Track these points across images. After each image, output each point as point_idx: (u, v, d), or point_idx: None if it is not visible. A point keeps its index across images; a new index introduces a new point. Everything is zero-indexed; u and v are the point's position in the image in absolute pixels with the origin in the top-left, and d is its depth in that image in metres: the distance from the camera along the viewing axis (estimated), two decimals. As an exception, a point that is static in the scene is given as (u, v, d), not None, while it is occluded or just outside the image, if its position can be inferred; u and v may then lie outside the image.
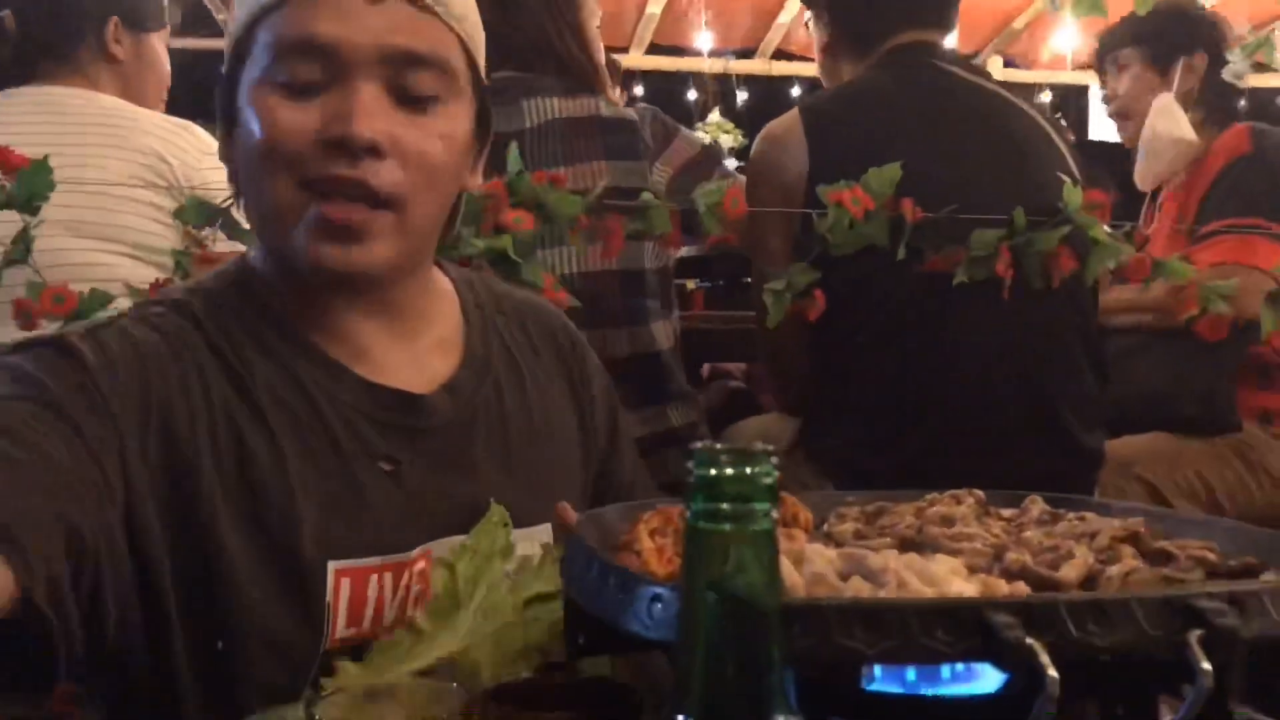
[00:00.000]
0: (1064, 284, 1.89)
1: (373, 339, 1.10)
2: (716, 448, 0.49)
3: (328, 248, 1.00)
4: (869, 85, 2.03)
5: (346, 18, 1.00)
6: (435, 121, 1.04)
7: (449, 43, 1.05)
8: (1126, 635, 0.62)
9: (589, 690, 0.81)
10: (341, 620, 1.01)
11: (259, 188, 1.03)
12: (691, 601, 0.49)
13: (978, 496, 1.01)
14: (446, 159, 1.05)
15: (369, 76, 1.00)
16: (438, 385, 1.12)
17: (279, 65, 1.00)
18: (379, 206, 1.00)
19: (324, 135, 0.98)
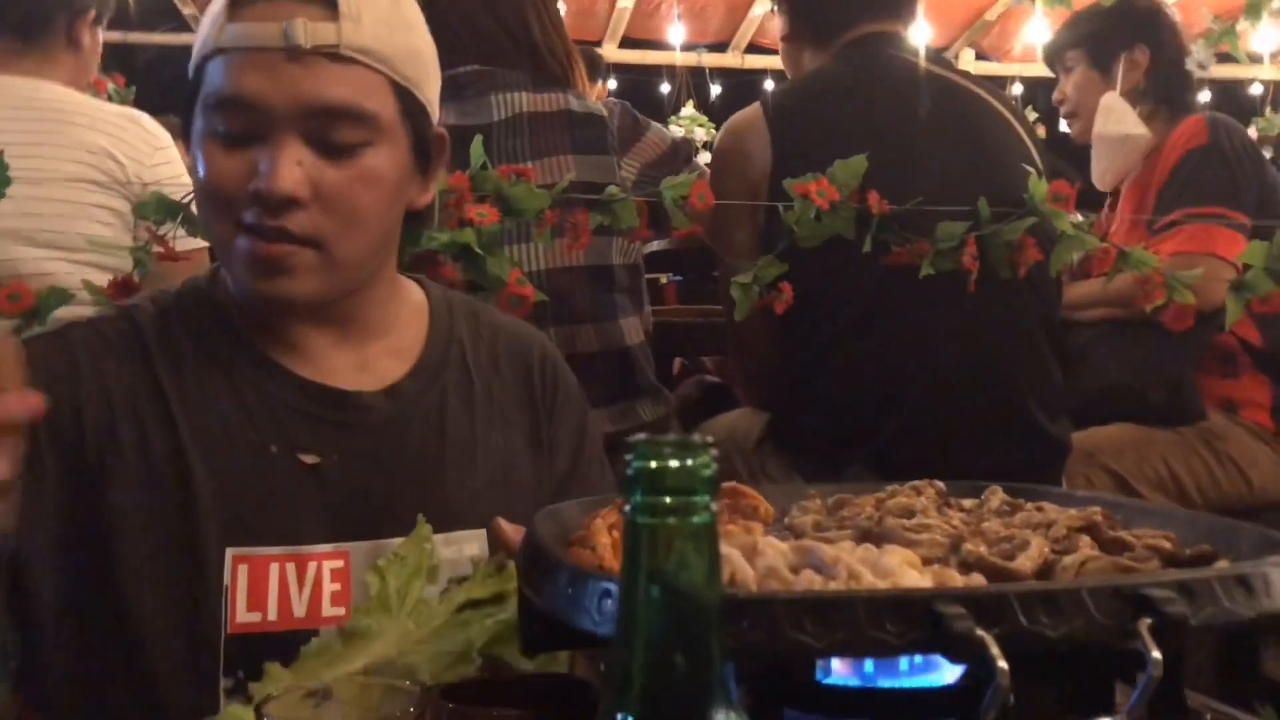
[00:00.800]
0: (1028, 275, 1.89)
1: (318, 344, 1.17)
2: (655, 440, 0.48)
3: (259, 281, 1.09)
4: (830, 76, 2.03)
5: (269, 74, 1.06)
6: (359, 165, 1.09)
7: (373, 88, 1.09)
8: (1077, 625, 0.62)
9: (543, 686, 0.80)
10: (241, 605, 1.06)
11: (205, 220, 1.16)
12: (631, 596, 0.48)
13: (938, 488, 1.01)
14: (372, 199, 1.10)
15: (291, 130, 1.06)
16: (380, 387, 1.17)
17: (215, 114, 1.08)
18: (303, 244, 1.08)
19: (251, 186, 1.06)
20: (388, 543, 1.08)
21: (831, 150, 1.83)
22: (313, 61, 1.06)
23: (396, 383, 1.18)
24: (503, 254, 1.70)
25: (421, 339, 1.23)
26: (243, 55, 1.06)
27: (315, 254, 1.09)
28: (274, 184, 1.04)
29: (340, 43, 1.06)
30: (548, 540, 0.80)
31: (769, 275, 1.81)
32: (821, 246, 1.82)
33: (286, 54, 1.05)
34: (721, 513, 0.96)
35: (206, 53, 1.09)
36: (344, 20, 1.07)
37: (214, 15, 1.10)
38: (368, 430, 1.15)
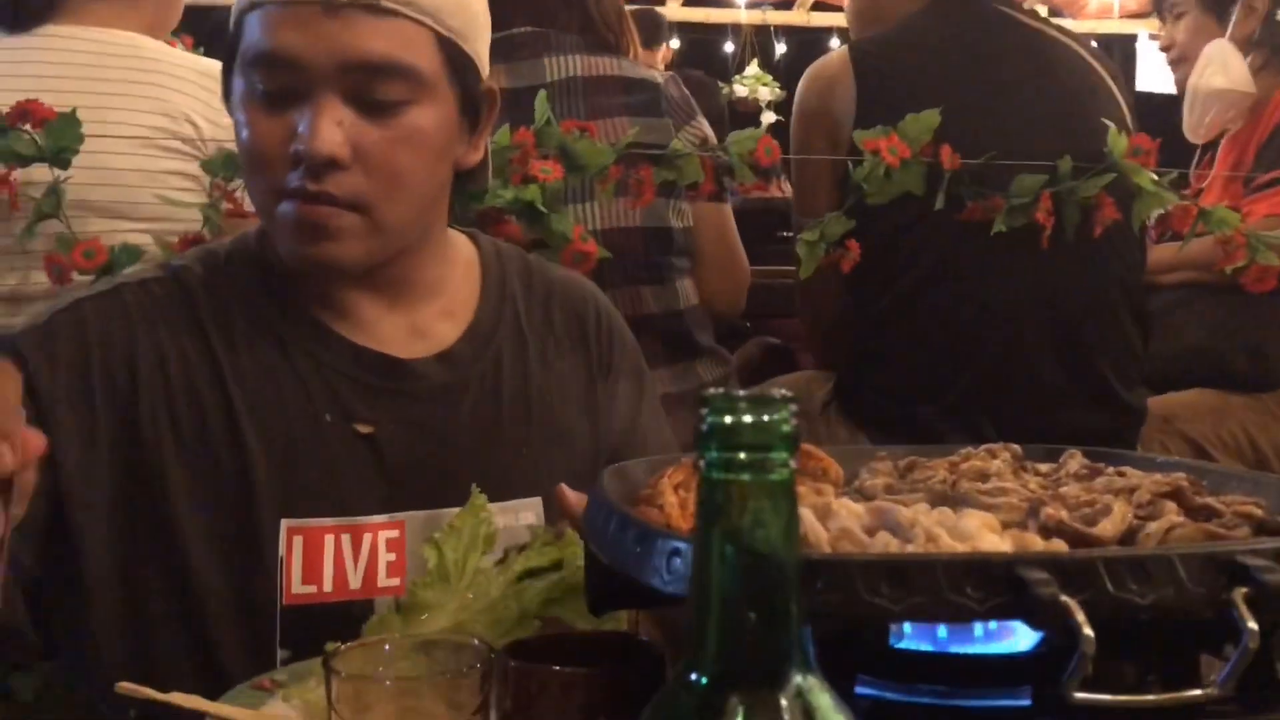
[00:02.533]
0: (1108, 237, 1.84)
1: (369, 308, 1.13)
2: (732, 393, 0.46)
3: (301, 245, 1.06)
4: (917, 26, 1.97)
5: (306, 29, 1.01)
6: (403, 124, 1.05)
7: (417, 43, 1.05)
8: (1167, 593, 0.59)
9: (606, 645, 0.79)
10: (296, 577, 1.05)
11: (248, 182, 1.13)
12: (706, 555, 0.47)
13: (1013, 451, 0.98)
14: (416, 159, 1.07)
15: (331, 88, 1.02)
16: (434, 353, 1.15)
17: (253, 73, 1.05)
18: (347, 208, 1.04)
19: (290, 149, 1.03)
20: (444, 512, 1.06)
21: (915, 101, 1.78)
22: (351, 14, 1.02)
23: (450, 348, 1.16)
24: (566, 212, 1.69)
25: (475, 299, 1.20)
26: (279, 9, 1.03)
27: (359, 218, 1.05)
28: (314, 146, 1.01)
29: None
30: (615, 498, 0.79)
31: (836, 233, 1.78)
32: (893, 203, 1.78)
33: (323, 7, 1.01)
34: (790, 473, 0.95)
35: (244, 5, 1.06)
36: None
37: None
38: (422, 398, 1.13)
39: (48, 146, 1.59)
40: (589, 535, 0.77)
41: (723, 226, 2.12)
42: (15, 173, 1.60)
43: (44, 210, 1.62)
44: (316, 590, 1.06)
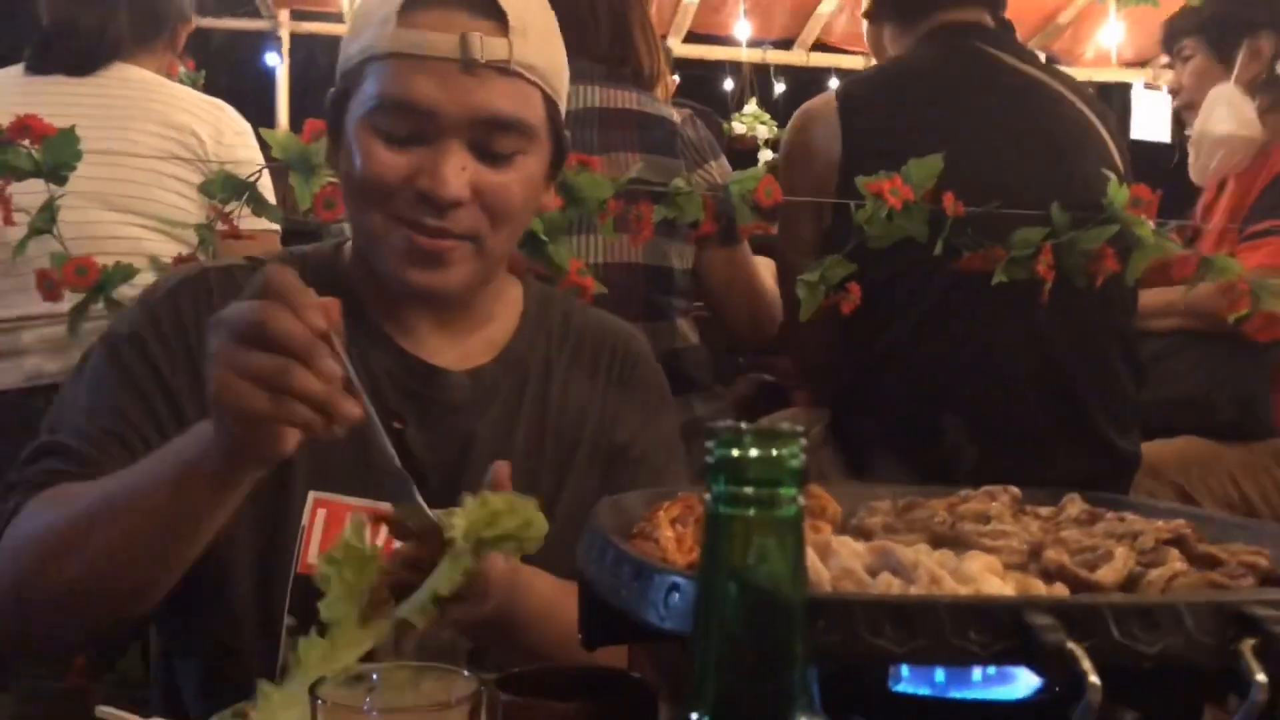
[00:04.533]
0: (1103, 284, 1.84)
1: (426, 326, 1.23)
2: (740, 426, 0.45)
3: (414, 271, 1.15)
4: (908, 67, 1.97)
5: (444, 84, 1.10)
6: (515, 171, 1.15)
7: (532, 100, 1.15)
8: (1175, 642, 0.58)
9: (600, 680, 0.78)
10: (314, 548, 1.13)
11: (357, 211, 1.18)
12: (710, 591, 0.46)
13: (1013, 493, 0.97)
14: (522, 200, 1.17)
15: (458, 136, 1.12)
16: (468, 368, 1.23)
17: (380, 114, 1.12)
18: (460, 239, 1.14)
19: (415, 185, 1.12)
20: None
21: (904, 145, 1.78)
22: (484, 74, 1.11)
23: (482, 365, 1.24)
24: (565, 243, 1.68)
25: (510, 331, 1.28)
26: (416, 62, 1.10)
27: (472, 247, 1.15)
28: (443, 189, 1.10)
29: (512, 58, 1.11)
30: (610, 531, 0.78)
31: (836, 275, 1.77)
32: (890, 247, 1.77)
33: (461, 65, 1.10)
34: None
35: (374, 53, 1.12)
36: (514, 35, 1.12)
37: (380, 17, 1.12)
38: (450, 406, 1.21)
39: (45, 162, 1.59)
40: (584, 568, 0.76)
41: (732, 274, 2.11)
42: (9, 187, 1.59)
43: (38, 226, 1.61)
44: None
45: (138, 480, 1.00)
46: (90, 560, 0.99)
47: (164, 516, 0.98)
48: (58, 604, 1.03)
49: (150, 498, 0.98)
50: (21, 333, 1.94)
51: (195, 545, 1.01)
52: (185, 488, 0.96)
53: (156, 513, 0.98)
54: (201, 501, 0.97)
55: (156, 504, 0.97)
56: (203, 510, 0.98)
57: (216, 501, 0.98)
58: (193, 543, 1.01)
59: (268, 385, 0.86)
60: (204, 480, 0.96)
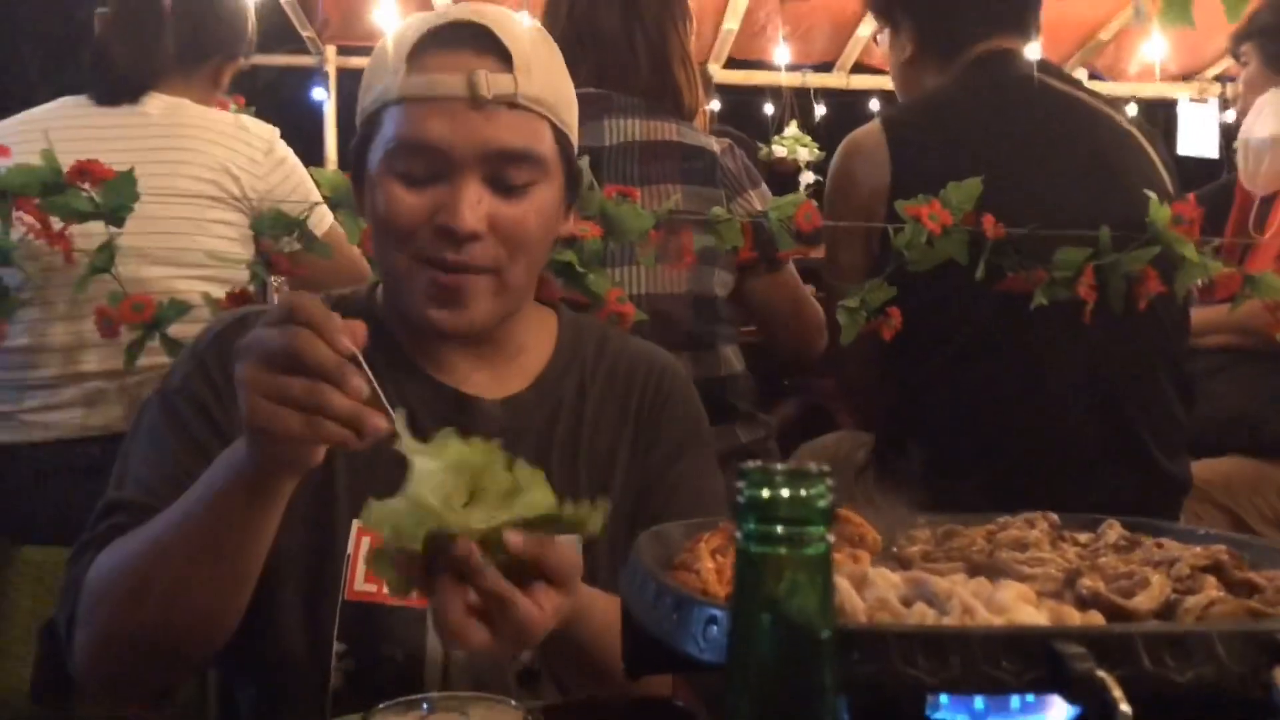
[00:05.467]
0: (1150, 305, 1.83)
1: (461, 360, 1.27)
2: (769, 468, 0.47)
3: (437, 310, 1.19)
4: (952, 96, 1.98)
5: (454, 121, 1.14)
6: (529, 202, 1.19)
7: (541, 134, 1.19)
8: (1206, 670, 0.59)
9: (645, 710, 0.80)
10: (360, 575, 1.16)
11: (383, 254, 1.22)
12: (742, 625, 0.47)
13: (1051, 520, 0.98)
14: (538, 230, 1.21)
15: (472, 172, 1.16)
16: (502, 397, 1.26)
17: (397, 157, 1.17)
18: (480, 273, 1.18)
19: (434, 222, 1.16)
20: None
21: (951, 171, 1.79)
22: (492, 110, 1.15)
23: (515, 394, 1.27)
24: (603, 272, 1.70)
25: (545, 359, 1.31)
26: (428, 104, 1.15)
27: (490, 279, 1.19)
28: (460, 222, 1.14)
29: (517, 93, 1.15)
30: (651, 562, 0.79)
31: (877, 300, 1.78)
32: (932, 271, 1.78)
33: (469, 103, 1.14)
34: (827, 539, 0.95)
35: (387, 100, 1.17)
36: (518, 72, 1.16)
37: (390, 66, 1.17)
38: (485, 435, 1.20)
39: (104, 204, 1.64)
40: (626, 599, 0.78)
41: (776, 298, 2.13)
42: (71, 228, 1.65)
43: (97, 265, 1.66)
44: (376, 590, 1.16)
45: (178, 515, 1.04)
46: (156, 599, 1.03)
47: (209, 542, 1.02)
48: (139, 646, 1.07)
49: (193, 527, 1.02)
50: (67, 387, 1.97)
51: (247, 563, 1.05)
52: (224, 509, 1.01)
53: (202, 540, 1.02)
54: (241, 518, 1.01)
55: (200, 531, 1.02)
56: (244, 526, 1.02)
57: (256, 516, 1.02)
58: (243, 561, 1.04)
59: (300, 406, 0.90)
60: (241, 497, 1.00)
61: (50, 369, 1.96)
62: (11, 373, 1.97)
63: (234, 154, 2.02)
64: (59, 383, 1.96)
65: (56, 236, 1.63)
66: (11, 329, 1.78)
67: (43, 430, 1.96)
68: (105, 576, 1.08)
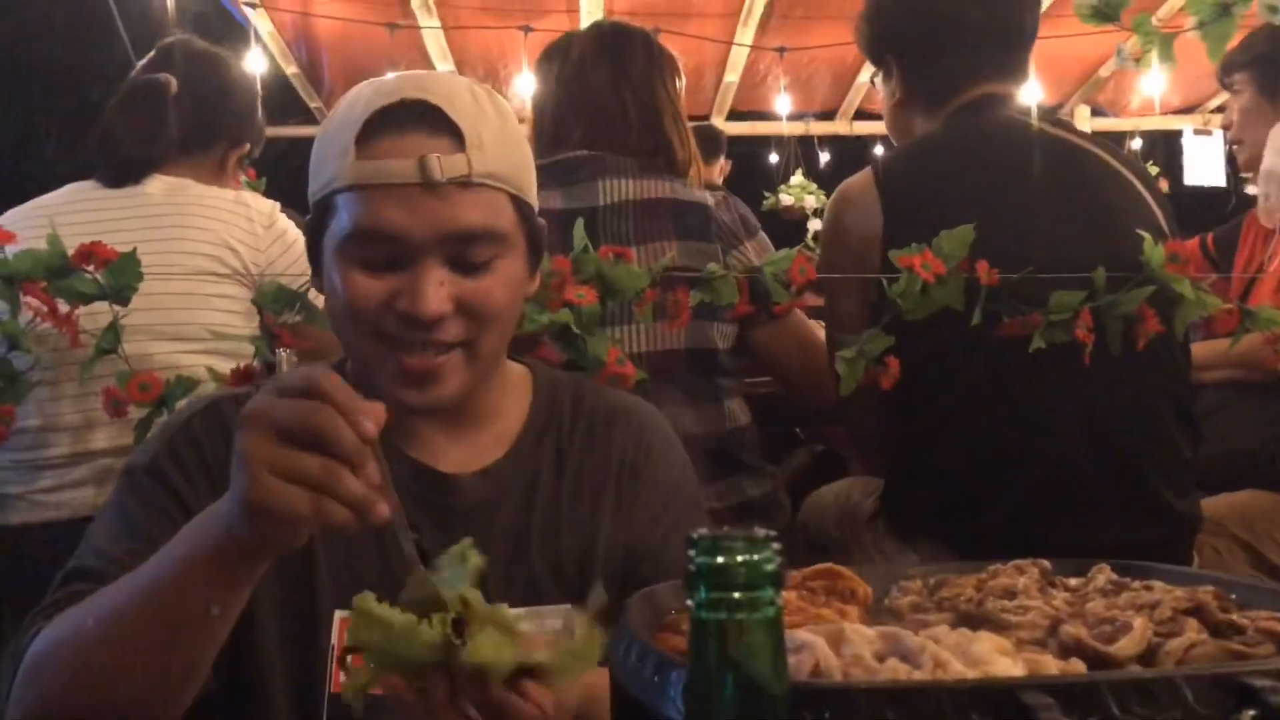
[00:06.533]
0: (1150, 345, 1.82)
1: (433, 433, 1.24)
2: (718, 534, 0.48)
3: (407, 391, 1.16)
4: (943, 141, 1.99)
5: (409, 207, 1.11)
6: (494, 276, 1.16)
7: (498, 206, 1.16)
8: (1174, 715, 0.60)
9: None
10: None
11: (344, 335, 1.20)
12: (698, 688, 0.49)
13: (1042, 566, 0.98)
14: (506, 301, 1.18)
15: (432, 255, 1.13)
16: (477, 469, 1.24)
17: (354, 244, 1.14)
18: (449, 350, 1.15)
19: (396, 309, 1.13)
20: None
21: (944, 217, 1.79)
22: (447, 192, 1.12)
23: (491, 465, 1.25)
24: (602, 334, 1.72)
25: (520, 422, 1.29)
26: (379, 190, 1.12)
27: (461, 353, 1.16)
28: (423, 308, 1.11)
29: (471, 172, 1.12)
30: (640, 624, 0.80)
31: (875, 349, 1.78)
32: (931, 318, 1.78)
33: (423, 187, 1.11)
34: (818, 594, 0.96)
35: (337, 186, 1.14)
36: (471, 150, 1.13)
37: (339, 149, 1.14)
38: (463, 510, 1.22)
39: (109, 285, 1.67)
40: (612, 663, 0.79)
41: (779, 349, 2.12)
42: (77, 310, 1.68)
43: (103, 346, 1.69)
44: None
45: (136, 582, 0.99)
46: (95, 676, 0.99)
47: (164, 615, 0.96)
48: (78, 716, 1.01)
49: (150, 596, 0.97)
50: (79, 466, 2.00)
51: (199, 647, 0.99)
52: (188, 581, 0.95)
53: (157, 612, 0.96)
54: (206, 593, 0.95)
55: (158, 601, 0.96)
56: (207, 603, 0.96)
57: (222, 593, 0.96)
58: (196, 643, 0.98)
59: (313, 486, 0.86)
60: (211, 571, 0.94)
61: (61, 448, 1.98)
62: (23, 453, 2.00)
63: (234, 229, 2.06)
64: (70, 462, 1.98)
65: (63, 319, 1.66)
66: (21, 410, 1.81)
67: (55, 510, 1.98)
68: (44, 650, 1.03)
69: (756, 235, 2.11)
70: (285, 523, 0.88)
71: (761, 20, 4.96)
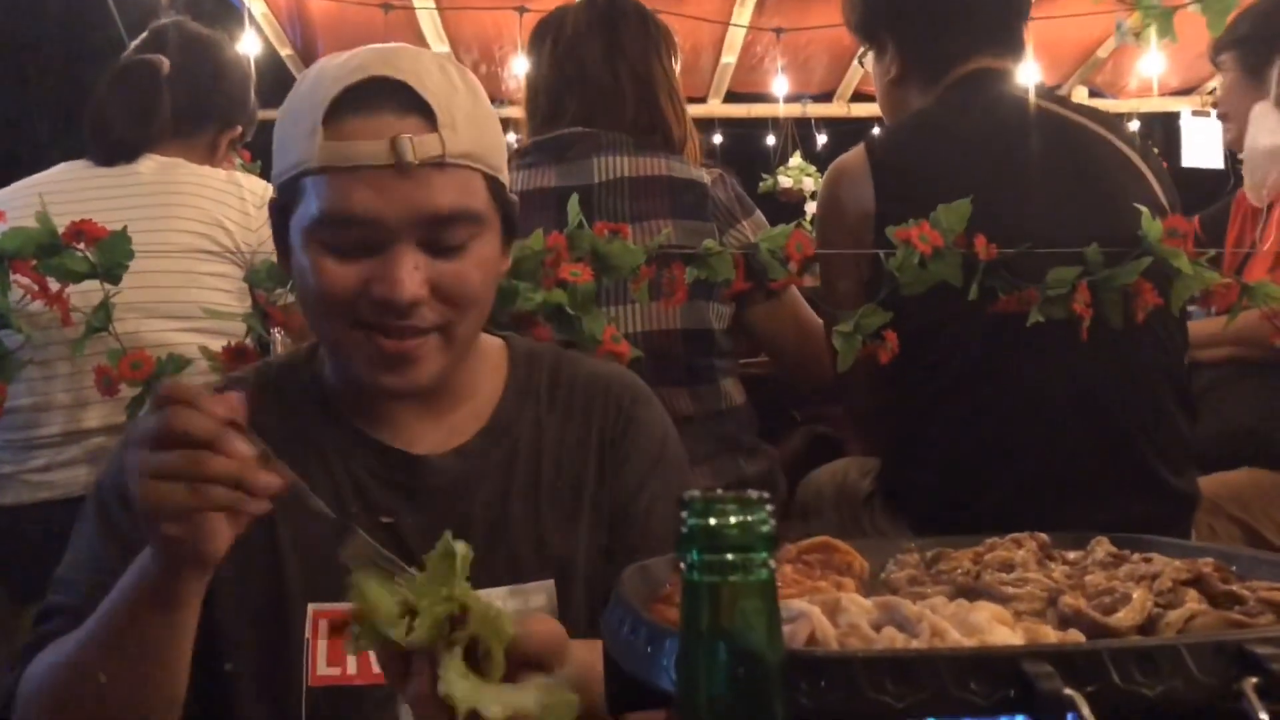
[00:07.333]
0: (1147, 319, 1.82)
1: (406, 416, 1.22)
2: (711, 496, 0.47)
3: (384, 375, 1.13)
4: (937, 117, 1.97)
5: (381, 191, 1.07)
6: (469, 258, 1.13)
7: (473, 187, 1.13)
8: (1175, 684, 0.59)
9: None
10: (322, 658, 1.12)
11: (316, 321, 1.17)
12: (690, 654, 0.47)
13: (1040, 540, 0.98)
14: (482, 283, 1.15)
15: (405, 239, 1.09)
16: (452, 448, 1.22)
17: (323, 229, 1.10)
18: (426, 333, 1.12)
19: (371, 294, 1.09)
20: None
21: (936, 193, 1.78)
22: (420, 174, 1.08)
23: (465, 443, 1.23)
24: (598, 313, 1.70)
25: (495, 398, 1.26)
26: (349, 173, 1.07)
27: (438, 336, 1.13)
28: (399, 294, 1.08)
29: (445, 153, 1.09)
30: (635, 597, 0.79)
31: (872, 324, 1.77)
32: (926, 294, 1.77)
33: (395, 169, 1.07)
34: (814, 568, 0.95)
35: (306, 168, 1.10)
36: (444, 129, 1.09)
37: (305, 130, 1.09)
38: (436, 491, 1.20)
39: (100, 263, 1.65)
40: (605, 635, 0.78)
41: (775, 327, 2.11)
42: (67, 289, 1.66)
43: (94, 325, 1.68)
44: (341, 673, 1.13)
45: (94, 628, 1.02)
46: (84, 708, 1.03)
47: (125, 653, 1.00)
48: None
49: (107, 639, 1.01)
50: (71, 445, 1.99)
51: (169, 669, 1.02)
52: (135, 616, 0.99)
53: (118, 651, 1.00)
54: (153, 625, 0.99)
55: (115, 642, 1.00)
56: (157, 634, 0.99)
57: (168, 622, 0.99)
58: (163, 668, 1.01)
59: (184, 477, 0.89)
60: (149, 603, 0.98)
61: (53, 428, 1.97)
62: (15, 433, 1.99)
63: (225, 208, 2.06)
64: (62, 441, 1.97)
65: (54, 297, 1.64)
66: (13, 389, 1.80)
67: (48, 490, 1.97)
68: (30, 694, 1.07)
69: (753, 214, 2.09)
70: (173, 516, 0.91)
71: (759, 1, 4.92)
